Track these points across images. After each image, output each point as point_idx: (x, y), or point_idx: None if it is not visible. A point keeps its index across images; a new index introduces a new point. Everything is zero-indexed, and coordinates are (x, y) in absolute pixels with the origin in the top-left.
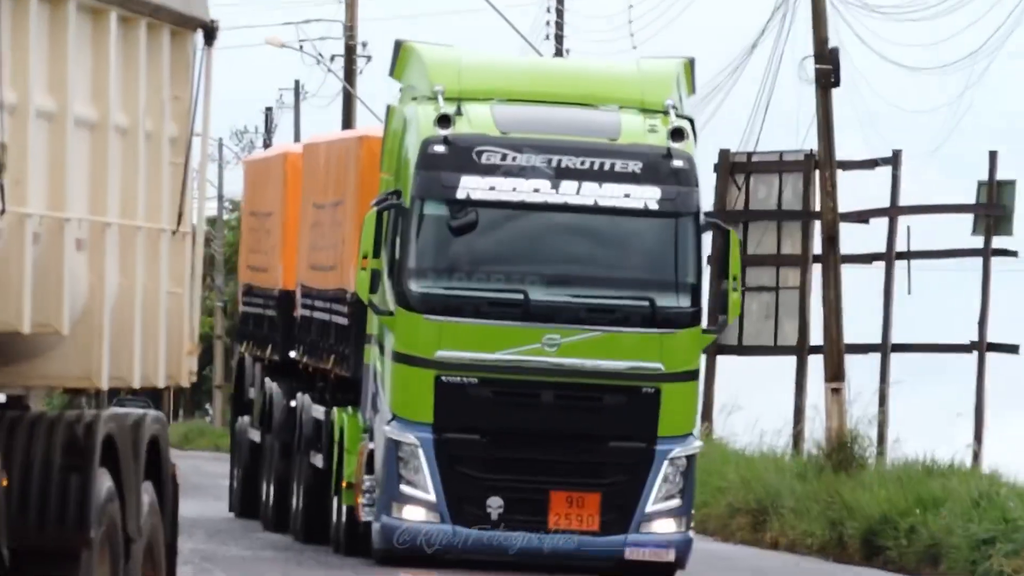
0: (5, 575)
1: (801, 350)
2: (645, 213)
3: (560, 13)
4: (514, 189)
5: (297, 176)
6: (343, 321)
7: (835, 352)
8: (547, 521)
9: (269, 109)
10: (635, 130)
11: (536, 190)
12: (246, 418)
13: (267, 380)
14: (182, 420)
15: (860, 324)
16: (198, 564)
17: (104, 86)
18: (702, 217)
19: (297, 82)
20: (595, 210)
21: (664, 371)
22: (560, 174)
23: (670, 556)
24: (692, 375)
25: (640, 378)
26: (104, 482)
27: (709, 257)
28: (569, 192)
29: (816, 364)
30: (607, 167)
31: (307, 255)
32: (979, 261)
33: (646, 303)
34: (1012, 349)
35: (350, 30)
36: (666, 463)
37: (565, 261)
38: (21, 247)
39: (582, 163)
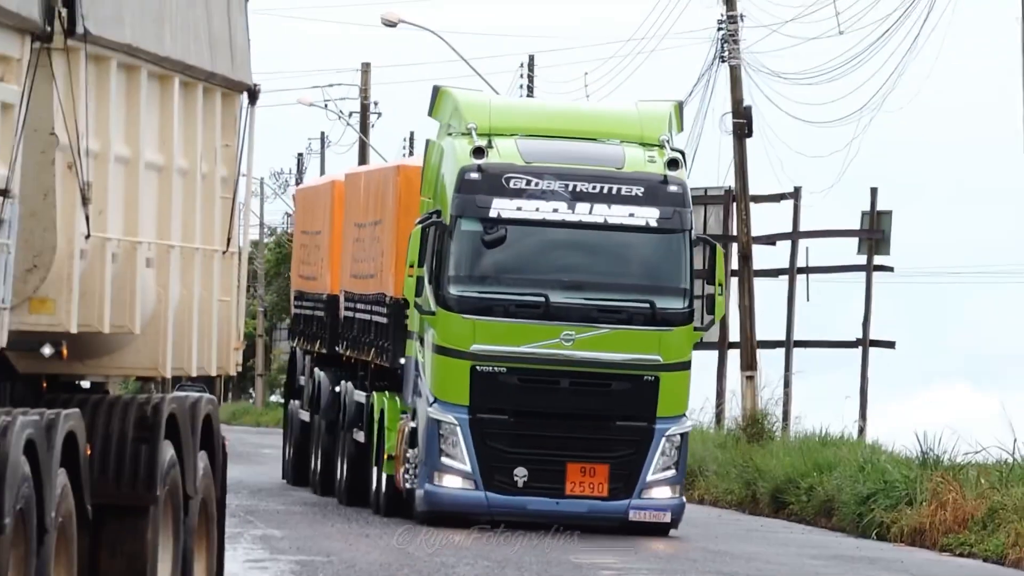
0: (88, 526)
1: (722, 345)
2: (646, 230)
3: (531, 79)
4: (537, 209)
5: (341, 200)
6: (383, 320)
7: (749, 347)
8: (564, 488)
9: (300, 154)
10: (637, 160)
11: (555, 210)
12: (297, 402)
13: (316, 370)
14: (230, 401)
15: (769, 325)
16: (242, 516)
17: (169, 136)
18: (693, 233)
19: (322, 133)
20: (604, 227)
21: (662, 362)
22: (575, 197)
23: (666, 518)
24: (685, 365)
25: (642, 368)
26: (168, 451)
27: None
28: (583, 212)
29: (734, 357)
30: (614, 191)
31: (349, 266)
32: (863, 275)
33: (647, 305)
34: (889, 345)
35: (365, 92)
36: (664, 439)
37: (579, 270)
38: (102, 264)
39: (593, 188)
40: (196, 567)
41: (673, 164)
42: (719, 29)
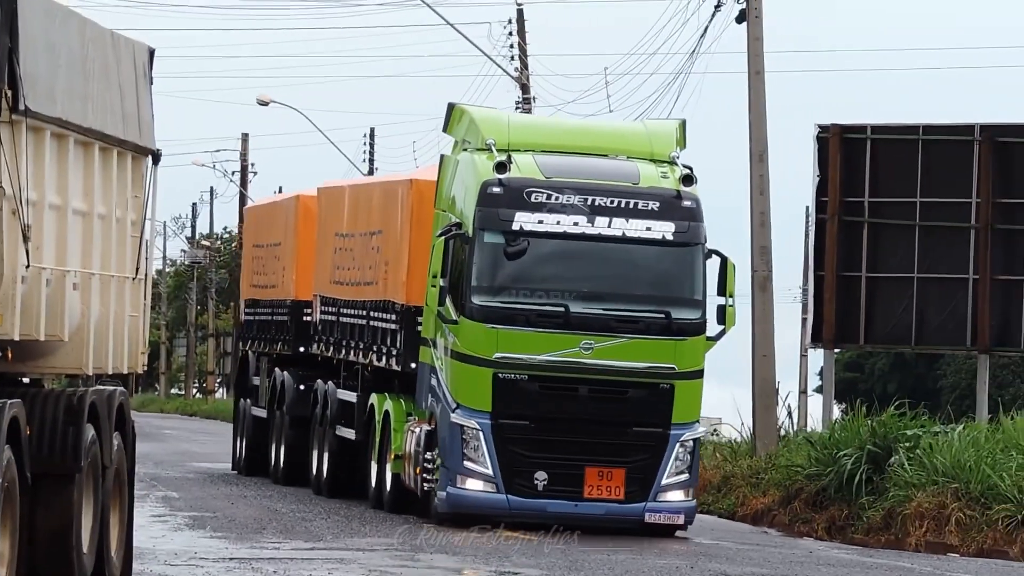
0: (28, 490)
1: None
2: (662, 243)
3: (372, 146)
4: (558, 223)
5: (310, 213)
6: (387, 325)
7: None
8: (582, 491)
9: (194, 204)
10: (651, 176)
11: (575, 224)
12: (248, 400)
13: (277, 369)
14: (139, 393)
15: None
16: (148, 482)
17: (91, 189)
18: (706, 247)
19: (211, 188)
20: (622, 240)
21: (677, 370)
22: (594, 211)
23: (680, 520)
24: (699, 374)
25: (658, 376)
26: (90, 432)
27: None
28: (602, 226)
29: None
30: (631, 205)
31: (329, 273)
32: None
33: (663, 315)
34: None
35: (244, 156)
36: (678, 445)
37: (598, 281)
38: (39, 287)
39: (611, 202)
40: (112, 521)
41: (687, 180)
42: (516, 108)
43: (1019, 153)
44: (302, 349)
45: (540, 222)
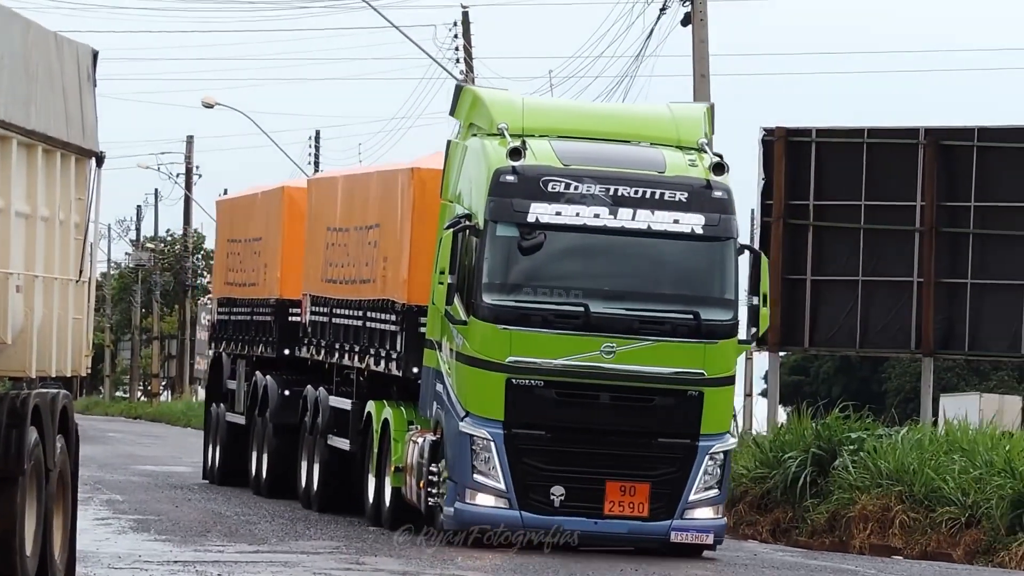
0: None
1: None
2: (691, 237)
3: (317, 148)
4: (577, 214)
5: (296, 206)
6: (387, 327)
7: None
8: (603, 507)
9: (139, 206)
10: (678, 164)
11: (596, 216)
12: (222, 405)
13: (259, 373)
14: (84, 396)
15: None
16: (92, 485)
17: (34, 191)
18: (738, 241)
19: (156, 190)
20: (648, 234)
21: (707, 376)
22: (617, 202)
23: (709, 539)
24: (730, 380)
25: (686, 382)
26: (33, 434)
27: None
28: (625, 218)
29: None
30: (657, 196)
31: (321, 270)
32: None
33: (692, 316)
34: None
35: (189, 159)
36: (707, 458)
37: (621, 278)
38: None
39: (635, 192)
40: (55, 524)
41: (718, 168)
42: None
43: (963, 157)
44: (287, 352)
45: (558, 214)
